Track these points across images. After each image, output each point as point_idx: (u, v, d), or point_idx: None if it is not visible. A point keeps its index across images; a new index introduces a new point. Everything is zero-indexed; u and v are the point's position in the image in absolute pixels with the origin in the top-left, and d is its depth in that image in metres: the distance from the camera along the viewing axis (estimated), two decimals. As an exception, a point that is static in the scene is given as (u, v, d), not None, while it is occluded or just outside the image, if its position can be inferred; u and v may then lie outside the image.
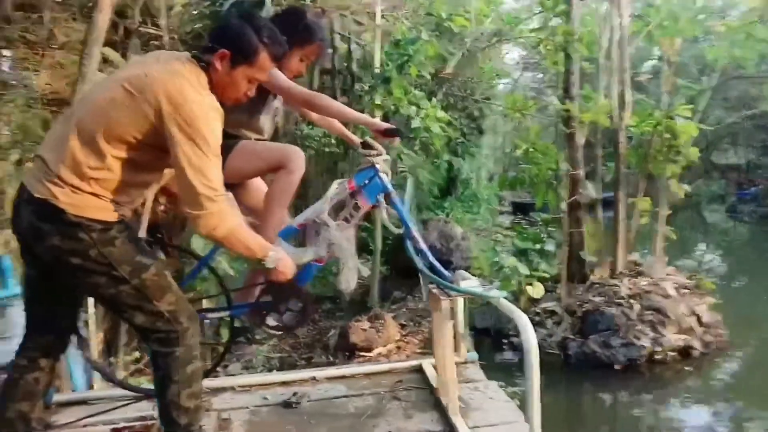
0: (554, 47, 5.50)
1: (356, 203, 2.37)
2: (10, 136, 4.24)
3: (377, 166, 2.36)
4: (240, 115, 2.27)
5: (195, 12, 8.00)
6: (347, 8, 8.42)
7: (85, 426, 2.48)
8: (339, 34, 8.43)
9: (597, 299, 5.65)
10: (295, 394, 2.67)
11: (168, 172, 1.92)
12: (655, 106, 7.54)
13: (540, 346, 5.78)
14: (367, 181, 2.37)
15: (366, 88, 8.14)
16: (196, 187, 1.71)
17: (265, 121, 2.40)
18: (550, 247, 6.40)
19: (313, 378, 2.89)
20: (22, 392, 1.98)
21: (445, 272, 2.39)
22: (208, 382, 2.88)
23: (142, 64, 1.83)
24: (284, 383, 2.85)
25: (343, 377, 2.90)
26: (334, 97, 8.58)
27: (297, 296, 2.35)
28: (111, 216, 1.77)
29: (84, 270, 1.76)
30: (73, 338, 2.15)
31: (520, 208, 13.28)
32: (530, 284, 5.60)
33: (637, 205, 6.13)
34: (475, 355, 2.99)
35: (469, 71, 9.57)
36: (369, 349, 5.26)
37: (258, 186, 2.49)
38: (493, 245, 7.92)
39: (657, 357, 5.33)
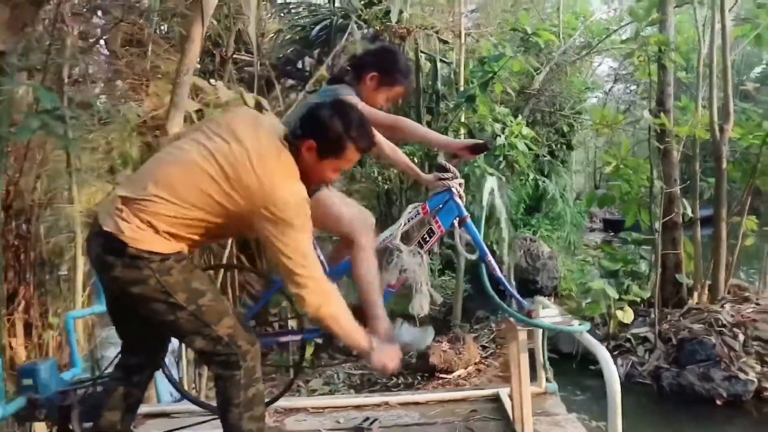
0: (647, 58, 5.22)
1: (430, 228, 2.34)
2: (114, 160, 4.57)
3: (452, 189, 2.32)
4: None
5: (286, 38, 8.33)
6: (432, 27, 8.45)
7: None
8: (424, 53, 8.47)
9: (695, 326, 5.24)
10: (367, 419, 2.66)
11: None
12: (764, 116, 6.97)
13: (630, 375, 5.48)
14: (441, 206, 2.34)
15: (450, 106, 8.13)
16: (294, 269, 1.79)
17: None
18: (642, 268, 6.03)
19: (386, 403, 2.88)
20: (114, 403, 2.11)
21: (522, 300, 2.30)
22: (282, 402, 2.92)
23: (240, 136, 1.86)
24: (357, 407, 2.85)
25: (416, 404, 2.86)
26: (419, 116, 8.66)
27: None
28: (170, 248, 1.84)
29: (145, 298, 1.84)
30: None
31: (612, 225, 12.66)
32: (620, 308, 5.29)
33: (742, 224, 5.66)
34: (554, 386, 2.86)
35: (557, 85, 9.31)
36: (449, 371, 5.17)
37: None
38: (581, 266, 7.58)
39: (766, 393, 4.84)
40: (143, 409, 2.94)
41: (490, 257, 2.27)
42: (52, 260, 4.18)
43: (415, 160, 7.34)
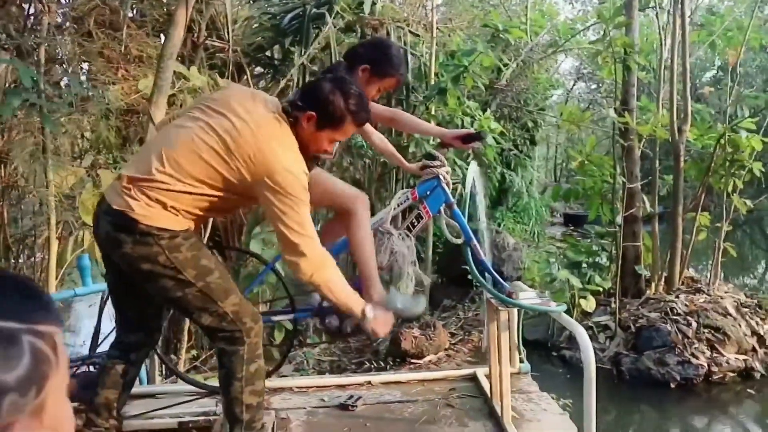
0: (612, 59, 5.44)
1: (419, 213, 2.45)
2: (87, 143, 4.52)
3: (440, 177, 2.43)
4: None
5: (256, 25, 8.28)
6: (404, 20, 8.53)
7: (152, 419, 2.63)
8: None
9: (652, 315, 5.53)
10: (351, 396, 2.76)
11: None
12: (717, 118, 7.34)
13: (592, 361, 5.59)
14: (429, 192, 2.45)
15: (420, 98, 8.25)
16: (291, 237, 1.86)
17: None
18: (603, 260, 6.30)
19: (369, 382, 2.98)
20: (111, 381, 2.17)
21: (504, 283, 2.44)
22: (268, 382, 3.02)
23: (238, 110, 1.92)
24: (340, 386, 2.95)
25: (397, 383, 2.98)
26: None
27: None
28: (179, 225, 1.90)
29: (154, 274, 1.90)
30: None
31: (572, 220, 13.06)
32: (584, 297, 5.53)
33: (696, 220, 5.98)
34: (527, 366, 3.02)
35: (523, 82, 9.55)
36: (420, 356, 5.31)
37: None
38: (546, 257, 7.85)
39: (715, 377, 5.17)
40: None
41: (475, 242, 2.41)
42: (26, 243, 4.12)
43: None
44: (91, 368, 2.64)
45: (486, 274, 2.48)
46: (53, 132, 3.20)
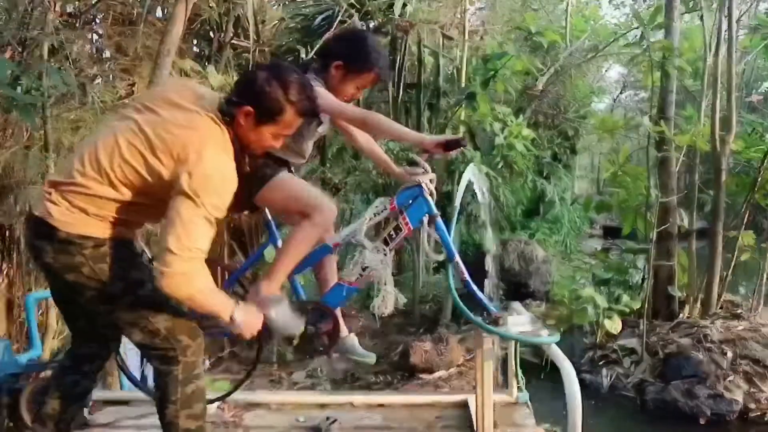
0: (650, 64, 5.08)
1: (397, 225, 2.23)
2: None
3: (423, 185, 2.21)
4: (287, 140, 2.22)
5: (287, 27, 8.21)
6: (436, 22, 8.32)
7: (117, 429, 2.51)
8: (427, 47, 8.35)
9: (683, 341, 5.12)
10: (327, 419, 2.57)
11: None
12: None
13: (614, 387, 5.35)
14: (410, 202, 2.23)
15: (451, 103, 8.01)
16: (169, 243, 1.61)
17: (308, 147, 2.32)
18: (635, 278, 5.91)
19: (351, 403, 2.78)
20: (59, 392, 2.03)
21: (490, 306, 2.20)
22: (245, 395, 2.85)
23: (170, 107, 1.76)
24: (321, 405, 2.77)
25: (381, 405, 2.77)
26: (419, 112, 8.55)
27: (327, 318, 2.25)
28: (103, 233, 1.74)
29: (79, 285, 1.75)
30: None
31: (611, 233, 12.50)
32: (609, 318, 5.17)
33: (739, 239, 5.53)
34: (526, 395, 2.75)
35: (562, 88, 9.17)
36: (429, 371, 5.07)
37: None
38: (573, 272, 7.47)
39: (752, 415, 4.71)
40: (103, 395, 2.87)
41: (458, 259, 2.17)
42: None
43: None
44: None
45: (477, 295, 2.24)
46: (31, 125, 3.11)
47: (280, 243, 2.28)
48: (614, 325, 5.15)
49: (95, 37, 5.12)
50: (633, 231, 5.90)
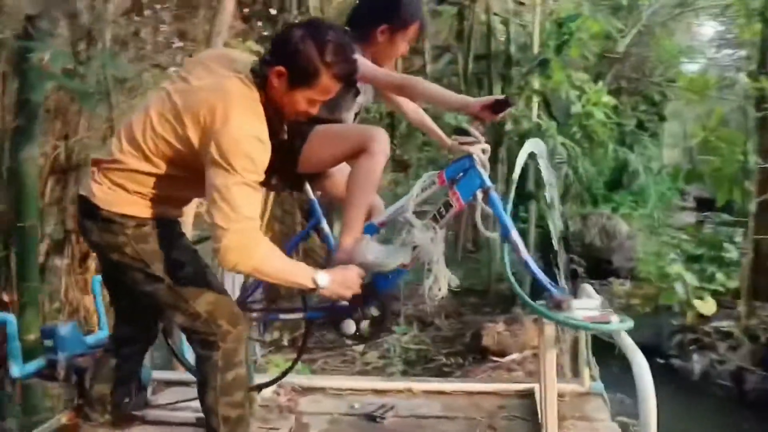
0: (747, 14, 4.51)
1: (447, 201, 2.04)
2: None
3: (474, 156, 2.00)
4: (321, 111, 2.06)
5: (353, 5, 8.05)
6: (506, -14, 7.91)
7: (175, 410, 2.49)
8: (497, 14, 7.96)
9: (790, 323, 4.60)
10: (382, 406, 2.44)
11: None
12: None
13: (707, 374, 4.90)
14: (461, 175, 2.03)
15: (523, 71, 7.60)
16: (215, 219, 1.55)
17: (347, 118, 2.16)
18: (732, 254, 5.37)
19: (409, 390, 2.64)
20: (103, 375, 2.04)
21: (551, 288, 1.97)
22: (302, 380, 2.79)
23: (199, 72, 1.68)
24: (378, 391, 2.65)
25: (441, 393, 2.61)
26: (490, 84, 8.19)
27: (376, 302, 2.10)
28: (145, 212, 1.71)
29: (123, 266, 1.74)
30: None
31: (707, 205, 11.54)
32: (700, 298, 4.72)
33: None
34: (600, 386, 2.50)
35: (646, 50, 8.47)
36: (502, 354, 4.86)
37: (345, 173, 2.26)
38: (659, 248, 6.93)
39: None
40: (165, 376, 2.88)
41: (514, 235, 1.95)
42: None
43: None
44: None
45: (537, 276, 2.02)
46: (91, 110, 3.16)
47: (324, 223, 2.14)
48: (707, 306, 4.70)
49: (159, 25, 5.18)
50: (730, 202, 5.36)
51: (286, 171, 2.04)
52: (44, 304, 4.37)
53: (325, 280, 1.69)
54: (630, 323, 1.85)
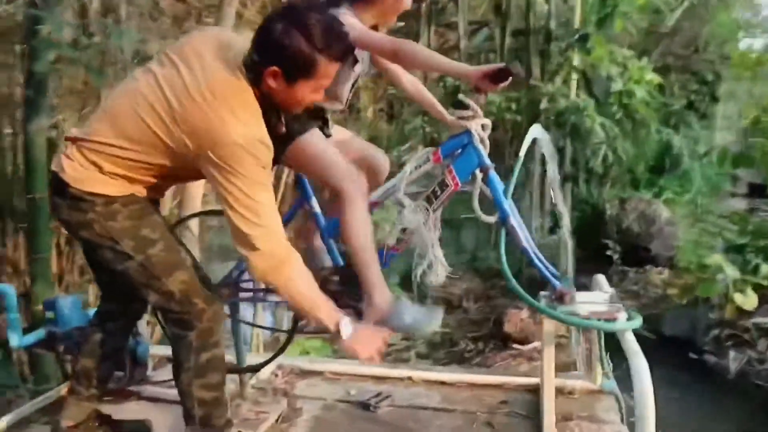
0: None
1: (443, 180, 1.88)
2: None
3: (472, 132, 1.83)
4: None
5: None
6: (548, -44, 7.52)
7: (173, 387, 2.45)
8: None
9: (841, 321, 4.26)
10: (378, 394, 2.34)
11: None
12: None
13: (745, 373, 4.59)
14: (458, 152, 1.87)
15: (563, 47, 7.26)
16: (240, 225, 1.52)
17: (344, 90, 2.02)
18: (782, 244, 4.99)
19: (410, 378, 2.53)
20: (89, 349, 2.00)
21: (553, 279, 1.80)
22: (303, 363, 2.72)
23: (192, 62, 1.57)
24: (378, 378, 2.55)
25: (442, 383, 2.49)
26: (528, 60, 7.86)
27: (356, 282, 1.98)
28: (116, 191, 1.63)
29: (93, 244, 1.68)
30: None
31: (760, 191, 10.87)
32: (740, 291, 4.41)
33: None
34: (612, 384, 2.32)
35: (699, 25, 7.94)
36: (524, 342, 4.69)
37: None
38: (697, 236, 6.56)
39: None
40: (167, 352, 2.82)
41: (512, 220, 1.78)
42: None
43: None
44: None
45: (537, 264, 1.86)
46: (98, 85, 3.11)
47: (314, 201, 2.03)
48: (748, 299, 4.39)
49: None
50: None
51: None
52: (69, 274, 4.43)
53: (349, 331, 1.62)
54: (636, 322, 1.68)
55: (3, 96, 3.36)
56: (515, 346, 4.67)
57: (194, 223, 3.41)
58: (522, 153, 1.91)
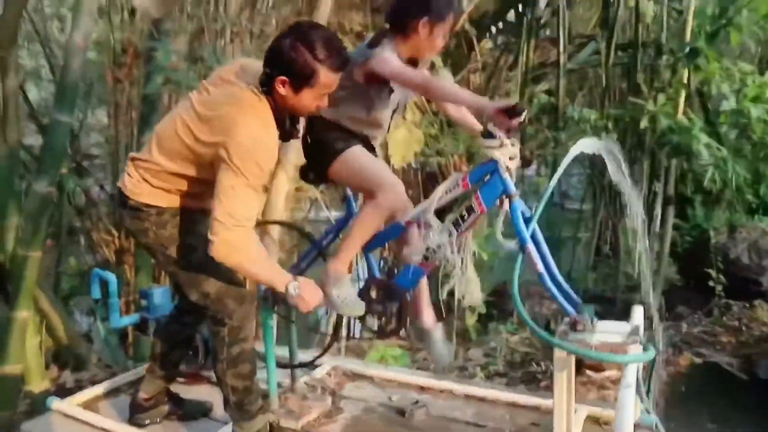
0: None
1: (470, 205, 1.99)
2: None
3: (498, 160, 1.93)
4: (358, 111, 2.13)
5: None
6: (660, -38, 7.14)
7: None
8: (648, -3, 7.26)
9: None
10: (416, 402, 2.47)
11: None
12: None
13: None
14: (486, 179, 1.97)
15: (671, 61, 6.88)
16: (215, 212, 1.75)
17: (386, 116, 2.19)
18: None
19: (451, 391, 2.63)
20: (164, 337, 2.34)
21: (568, 307, 1.84)
22: (357, 366, 2.91)
23: (216, 82, 1.90)
24: (421, 387, 2.68)
25: (481, 399, 2.56)
26: (634, 75, 7.51)
27: (396, 300, 2.13)
28: (165, 202, 1.94)
29: (150, 248, 2.01)
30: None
31: None
32: None
33: None
34: (652, 420, 2.27)
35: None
36: (598, 369, 4.51)
37: None
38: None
39: None
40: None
41: (531, 248, 1.85)
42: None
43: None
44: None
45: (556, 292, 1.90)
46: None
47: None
48: None
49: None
50: None
51: (317, 166, 2.15)
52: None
53: (293, 292, 1.88)
54: (648, 355, 1.68)
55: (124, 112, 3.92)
56: (588, 372, 4.52)
57: (276, 229, 3.71)
58: (557, 175, 1.96)
